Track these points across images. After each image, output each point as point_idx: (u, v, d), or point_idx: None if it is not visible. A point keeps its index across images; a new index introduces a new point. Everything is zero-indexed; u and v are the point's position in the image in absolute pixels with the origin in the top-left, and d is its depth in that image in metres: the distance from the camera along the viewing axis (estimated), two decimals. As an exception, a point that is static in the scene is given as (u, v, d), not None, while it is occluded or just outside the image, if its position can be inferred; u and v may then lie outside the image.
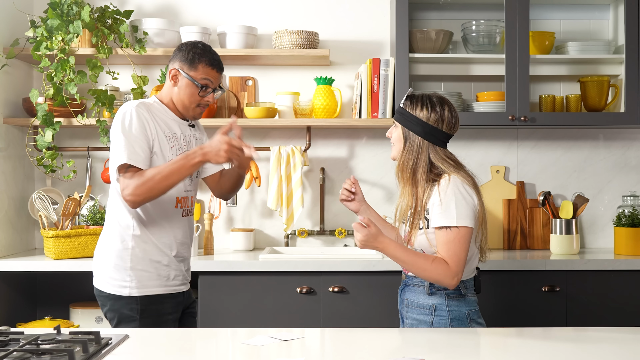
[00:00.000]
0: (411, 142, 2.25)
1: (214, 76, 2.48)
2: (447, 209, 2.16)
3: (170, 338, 2.01)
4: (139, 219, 2.43)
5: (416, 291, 2.28)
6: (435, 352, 1.81)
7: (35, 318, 3.52)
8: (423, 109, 2.25)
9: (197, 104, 2.49)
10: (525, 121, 3.35)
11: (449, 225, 2.16)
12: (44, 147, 3.35)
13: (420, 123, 2.24)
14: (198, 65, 2.45)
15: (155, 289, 2.45)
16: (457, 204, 2.16)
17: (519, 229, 3.60)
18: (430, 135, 2.24)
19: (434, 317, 2.23)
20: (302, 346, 1.88)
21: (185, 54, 2.46)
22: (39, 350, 1.68)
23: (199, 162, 2.32)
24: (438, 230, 2.18)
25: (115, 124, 2.39)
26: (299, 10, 3.67)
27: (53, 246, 3.18)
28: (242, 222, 3.68)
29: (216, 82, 2.50)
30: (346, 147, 3.68)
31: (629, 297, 3.14)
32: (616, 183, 3.68)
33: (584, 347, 1.88)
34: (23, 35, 3.44)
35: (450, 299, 2.23)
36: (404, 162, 2.27)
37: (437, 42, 3.44)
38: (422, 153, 2.24)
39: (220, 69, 2.50)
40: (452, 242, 2.16)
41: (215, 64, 2.48)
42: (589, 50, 3.47)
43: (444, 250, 2.16)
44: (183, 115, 2.53)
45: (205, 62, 2.46)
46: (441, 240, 2.17)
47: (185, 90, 2.46)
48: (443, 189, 2.19)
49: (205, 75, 2.46)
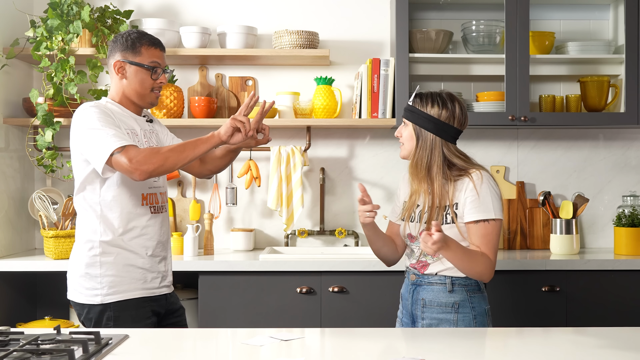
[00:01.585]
0: (424, 139, 2.27)
1: (159, 55, 2.42)
2: (484, 203, 2.21)
3: (170, 338, 2.01)
4: (105, 222, 2.34)
5: (435, 290, 2.28)
6: (435, 352, 1.81)
7: (35, 318, 3.52)
8: (434, 105, 2.27)
9: (150, 88, 2.41)
10: (525, 121, 3.35)
11: (487, 219, 2.20)
12: (44, 147, 3.34)
13: (432, 120, 2.26)
14: (141, 49, 2.39)
15: (130, 293, 2.36)
16: (493, 198, 2.22)
17: (519, 229, 3.60)
18: (442, 132, 2.26)
19: (458, 315, 2.24)
20: (302, 346, 1.88)
21: (123, 42, 2.39)
22: (39, 350, 1.68)
23: (211, 137, 2.28)
24: (474, 224, 2.21)
25: (78, 126, 2.29)
26: (299, 10, 3.67)
27: (53, 246, 3.18)
28: (242, 222, 3.68)
29: (163, 61, 2.43)
30: (346, 147, 3.68)
31: (629, 297, 3.14)
32: (616, 183, 3.68)
33: (584, 347, 1.87)
34: (23, 35, 3.44)
35: (472, 295, 2.26)
36: (418, 159, 2.28)
37: (437, 42, 3.44)
38: (436, 150, 2.26)
39: (162, 48, 2.44)
40: (491, 235, 2.21)
41: (157, 43, 2.43)
42: (589, 50, 3.47)
43: (482, 243, 2.21)
44: (139, 106, 2.45)
45: (147, 44, 2.40)
46: (479, 233, 2.21)
47: (136, 78, 2.39)
48: (478, 184, 2.22)
49: (151, 57, 2.40)
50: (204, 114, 3.47)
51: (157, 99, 2.46)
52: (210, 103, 3.49)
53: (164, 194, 2.52)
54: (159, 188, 2.48)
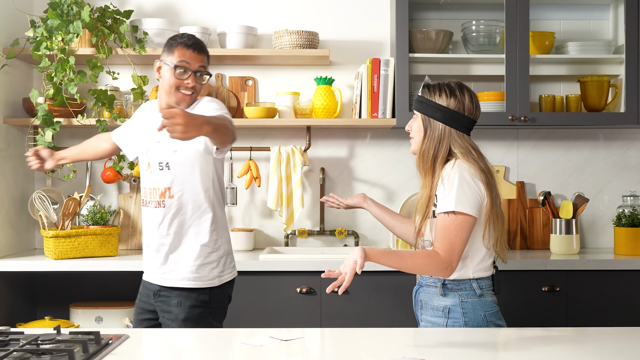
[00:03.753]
0: (432, 129, 2.18)
1: (190, 56, 2.46)
2: (448, 194, 2.08)
3: (170, 338, 2.01)
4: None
5: (430, 292, 2.20)
6: (435, 352, 1.81)
7: (35, 318, 3.52)
8: (442, 94, 2.18)
9: (176, 86, 2.46)
10: (525, 121, 3.35)
11: (447, 211, 2.07)
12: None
13: (440, 108, 2.17)
14: (174, 49, 2.47)
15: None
16: (458, 190, 2.07)
17: (519, 229, 3.60)
18: (453, 121, 2.16)
19: (448, 320, 2.14)
20: (302, 346, 1.88)
21: (166, 45, 2.51)
22: (39, 350, 1.68)
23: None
24: (438, 216, 2.10)
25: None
26: (299, 10, 3.67)
27: (53, 246, 3.18)
28: (242, 222, 3.68)
29: (194, 62, 2.47)
30: (346, 147, 3.68)
31: (629, 297, 3.14)
32: (616, 183, 3.68)
33: (584, 347, 1.88)
34: (23, 35, 3.44)
35: (465, 300, 2.14)
36: (425, 150, 2.19)
37: (437, 42, 3.44)
38: (444, 140, 2.16)
39: (197, 49, 2.47)
40: (447, 229, 2.06)
41: (191, 44, 2.46)
42: (589, 50, 3.47)
43: (438, 236, 2.07)
44: (170, 105, 2.50)
45: (182, 45, 2.46)
46: (438, 226, 2.09)
47: (165, 77, 2.48)
48: (447, 173, 2.11)
49: (180, 57, 2.45)
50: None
51: (185, 100, 2.49)
52: (210, 103, 3.49)
53: (166, 189, 2.56)
54: (158, 183, 2.60)
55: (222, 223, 2.60)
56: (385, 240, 3.64)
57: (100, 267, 3.15)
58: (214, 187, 2.55)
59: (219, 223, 2.57)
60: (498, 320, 2.18)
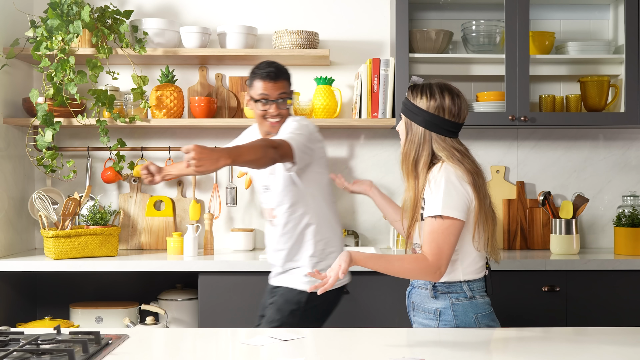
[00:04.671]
0: (413, 132, 2.14)
1: (267, 87, 2.59)
2: (435, 198, 2.04)
3: (170, 338, 2.02)
4: None
5: (421, 294, 2.18)
6: (435, 352, 1.81)
7: (35, 318, 3.53)
8: (422, 97, 2.13)
9: (262, 117, 2.62)
10: (525, 121, 3.35)
11: (434, 215, 2.04)
12: (44, 147, 3.34)
13: (420, 112, 2.12)
14: (253, 83, 2.63)
15: None
16: (445, 193, 2.03)
17: (519, 229, 3.60)
18: (433, 125, 2.11)
19: (439, 322, 2.12)
20: (302, 346, 1.88)
21: (248, 79, 2.66)
22: (39, 350, 1.68)
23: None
24: (426, 220, 2.07)
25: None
26: (299, 10, 3.67)
27: (53, 246, 3.18)
28: (242, 222, 3.68)
29: (273, 92, 2.59)
30: (346, 147, 3.68)
31: (629, 297, 3.14)
32: (616, 183, 3.68)
33: (584, 347, 1.88)
34: (23, 35, 3.44)
35: (456, 303, 2.11)
36: (406, 153, 2.16)
37: (437, 42, 3.45)
38: (425, 144, 2.12)
39: (272, 78, 2.59)
40: (435, 233, 2.03)
41: (266, 76, 2.58)
42: (589, 50, 3.47)
43: (426, 241, 2.04)
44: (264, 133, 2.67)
45: (258, 78, 2.61)
46: (425, 230, 2.06)
47: (253, 111, 2.65)
48: (433, 177, 2.08)
49: (259, 90, 2.60)
50: (204, 114, 3.47)
51: (274, 127, 2.62)
52: (210, 103, 3.49)
53: (272, 209, 2.71)
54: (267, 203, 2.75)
55: (328, 232, 2.68)
56: (385, 240, 3.64)
57: (100, 267, 3.15)
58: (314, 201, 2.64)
59: (324, 233, 2.66)
60: (491, 322, 2.15)
